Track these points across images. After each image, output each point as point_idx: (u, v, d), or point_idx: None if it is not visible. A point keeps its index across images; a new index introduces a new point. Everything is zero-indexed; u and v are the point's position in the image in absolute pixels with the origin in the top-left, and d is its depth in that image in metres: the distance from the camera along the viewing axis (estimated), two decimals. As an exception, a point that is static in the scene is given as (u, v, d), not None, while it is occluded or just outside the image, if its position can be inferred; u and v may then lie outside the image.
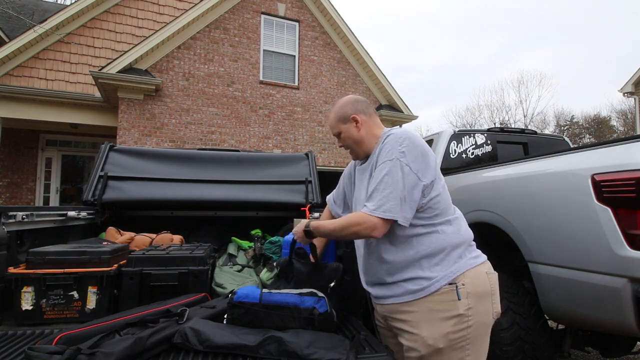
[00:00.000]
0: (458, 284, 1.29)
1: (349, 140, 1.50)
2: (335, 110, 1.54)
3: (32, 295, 1.54)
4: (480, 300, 1.31)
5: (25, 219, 1.85)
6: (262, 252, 2.28)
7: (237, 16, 8.54)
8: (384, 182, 1.29)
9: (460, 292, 1.28)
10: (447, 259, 1.32)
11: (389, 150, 1.33)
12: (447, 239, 1.34)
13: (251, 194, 2.85)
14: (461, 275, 1.30)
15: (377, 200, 1.28)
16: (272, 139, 8.62)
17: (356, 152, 1.52)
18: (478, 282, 1.32)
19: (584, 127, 29.03)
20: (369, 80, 9.77)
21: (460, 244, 1.36)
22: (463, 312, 1.27)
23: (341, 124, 1.50)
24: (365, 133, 1.48)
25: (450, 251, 1.33)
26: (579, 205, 1.82)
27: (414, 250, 1.33)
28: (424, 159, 1.33)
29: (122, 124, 7.33)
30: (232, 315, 1.38)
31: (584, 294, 1.79)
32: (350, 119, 1.48)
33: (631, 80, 10.72)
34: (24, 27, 8.36)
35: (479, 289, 1.31)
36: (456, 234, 1.36)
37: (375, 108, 9.71)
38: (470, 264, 1.34)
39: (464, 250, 1.36)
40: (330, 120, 1.56)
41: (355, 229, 1.31)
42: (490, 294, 1.34)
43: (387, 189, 1.27)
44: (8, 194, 8.50)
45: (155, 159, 2.97)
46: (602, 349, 2.29)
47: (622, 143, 1.77)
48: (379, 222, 1.27)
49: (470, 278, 1.31)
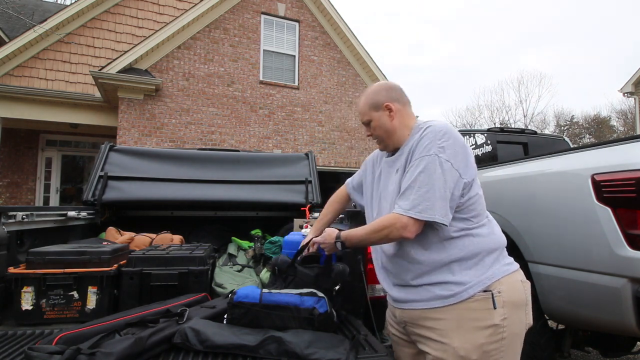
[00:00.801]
0: (494, 291, 1.18)
1: (379, 130, 1.37)
2: (366, 95, 1.40)
3: (32, 295, 1.54)
4: (515, 310, 1.20)
5: (25, 219, 1.85)
6: (262, 252, 2.28)
7: (237, 16, 8.55)
8: (419, 180, 1.18)
9: (496, 300, 1.18)
10: (480, 263, 1.22)
11: (427, 145, 1.22)
12: (482, 242, 1.23)
13: (251, 194, 2.86)
14: (496, 282, 1.20)
15: (412, 200, 1.18)
16: (272, 139, 8.62)
17: (385, 143, 1.40)
18: (514, 290, 1.22)
19: (584, 127, 29.03)
20: (369, 80, 9.77)
21: (495, 249, 1.25)
22: (499, 322, 1.17)
23: (372, 112, 1.37)
24: (398, 123, 1.35)
25: (484, 256, 1.23)
26: (579, 205, 1.82)
27: (445, 253, 1.22)
28: (465, 155, 1.23)
29: (122, 124, 7.33)
30: (232, 315, 1.38)
31: (584, 294, 1.79)
32: (384, 107, 1.35)
33: (631, 80, 10.72)
34: (24, 27, 8.36)
35: (515, 298, 1.21)
36: (491, 238, 1.26)
37: (375, 108, 9.70)
38: (505, 271, 1.24)
39: (498, 256, 1.25)
40: (360, 106, 1.41)
41: (387, 231, 1.21)
42: (525, 303, 1.24)
43: (422, 187, 1.17)
44: (8, 194, 8.50)
45: (155, 159, 2.97)
46: (602, 349, 2.29)
47: (622, 143, 1.77)
48: (411, 222, 1.17)
49: (506, 286, 1.21)
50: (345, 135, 9.36)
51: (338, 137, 9.29)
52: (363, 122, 1.42)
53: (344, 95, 9.47)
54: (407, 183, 1.21)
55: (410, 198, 1.18)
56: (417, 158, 1.22)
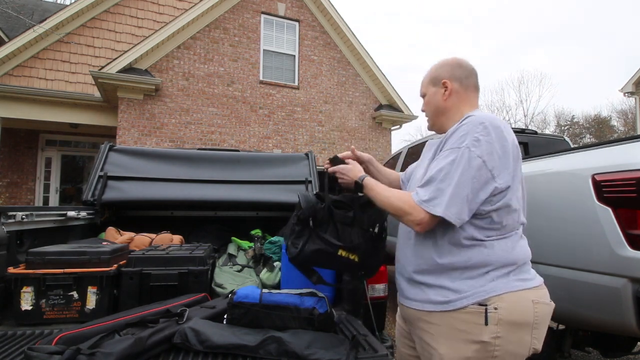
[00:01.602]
0: (489, 306, 1.07)
1: (429, 106, 1.29)
2: (431, 68, 1.31)
3: (32, 295, 1.54)
4: (514, 331, 1.08)
5: (25, 219, 1.84)
6: (262, 252, 2.27)
7: (237, 16, 8.54)
8: (443, 172, 1.08)
9: (489, 316, 1.07)
10: (484, 276, 1.10)
11: (462, 136, 1.10)
12: (493, 256, 1.11)
13: (251, 194, 2.85)
14: (496, 297, 1.08)
15: (431, 192, 1.09)
16: (272, 139, 8.62)
17: (432, 122, 1.32)
18: (518, 309, 1.09)
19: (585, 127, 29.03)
20: (369, 80, 9.77)
21: (509, 264, 1.12)
22: (488, 340, 1.07)
23: (430, 86, 1.29)
24: (451, 105, 1.25)
25: (491, 270, 1.11)
26: (580, 205, 1.82)
27: (448, 258, 1.13)
28: (504, 156, 1.09)
29: (121, 124, 7.32)
30: (232, 315, 1.38)
31: (584, 294, 1.79)
32: (441, 83, 1.26)
33: (632, 80, 10.70)
34: (23, 27, 8.35)
35: (516, 318, 1.08)
36: (506, 253, 1.12)
37: (375, 108, 9.72)
38: (513, 286, 1.10)
39: (511, 271, 1.12)
40: (424, 77, 1.33)
41: (400, 214, 1.14)
42: (530, 326, 1.10)
43: (445, 181, 1.07)
44: (8, 194, 8.50)
45: (155, 159, 2.97)
46: (603, 349, 2.29)
47: (622, 143, 1.77)
48: (426, 217, 1.08)
49: (507, 303, 1.08)
50: (345, 135, 9.36)
51: (338, 137, 9.29)
52: (420, 95, 1.35)
53: (344, 95, 9.47)
54: (431, 173, 1.12)
55: (430, 189, 1.10)
56: (447, 149, 1.12)
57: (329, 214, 1.32)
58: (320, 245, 1.28)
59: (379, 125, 9.78)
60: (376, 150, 9.66)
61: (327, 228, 1.31)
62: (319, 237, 1.29)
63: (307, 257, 1.29)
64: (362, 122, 9.60)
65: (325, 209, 1.32)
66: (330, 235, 1.30)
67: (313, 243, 1.29)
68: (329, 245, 1.28)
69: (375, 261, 1.35)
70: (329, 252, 1.28)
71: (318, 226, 1.30)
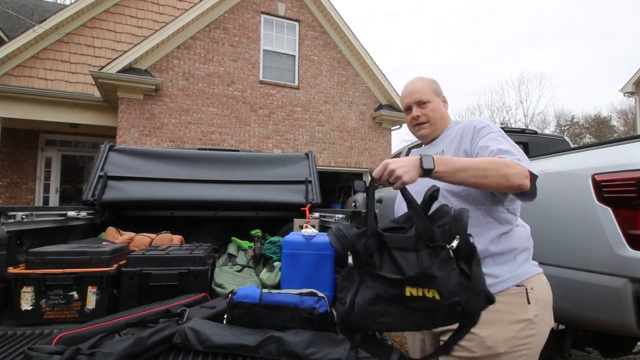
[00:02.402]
0: (527, 287, 1.17)
1: (436, 113, 1.36)
2: (425, 80, 1.41)
3: (32, 295, 1.54)
4: (545, 309, 1.20)
5: (25, 219, 1.84)
6: (262, 252, 2.28)
7: (237, 16, 8.54)
8: (509, 144, 1.17)
9: (530, 296, 1.16)
10: (512, 261, 1.20)
11: (488, 124, 1.24)
12: (517, 240, 1.22)
13: (251, 194, 2.85)
14: (528, 280, 1.19)
15: (516, 155, 1.13)
16: (272, 139, 8.62)
17: (434, 128, 1.37)
18: (543, 290, 1.22)
19: (585, 127, 29.03)
20: (369, 80, 9.77)
21: (527, 249, 1.25)
22: (531, 318, 1.14)
23: (434, 96, 1.38)
24: (447, 115, 1.41)
25: (517, 254, 1.21)
26: (580, 206, 1.82)
27: (485, 238, 1.17)
28: None
29: (121, 124, 7.32)
30: (232, 315, 1.38)
31: (584, 294, 1.79)
32: (442, 97, 1.41)
33: (632, 80, 10.71)
34: (23, 27, 8.35)
35: (545, 297, 1.21)
36: (523, 239, 1.25)
37: (375, 108, 9.73)
38: (535, 270, 1.23)
39: (528, 256, 1.25)
40: (419, 86, 1.38)
41: (509, 171, 1.06)
42: (550, 305, 1.23)
43: (519, 152, 1.15)
44: (8, 194, 8.50)
45: (155, 159, 2.97)
46: (603, 349, 2.28)
47: (622, 143, 1.77)
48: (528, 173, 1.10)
49: (537, 284, 1.20)
50: (345, 135, 9.36)
51: (338, 137, 9.29)
52: (416, 101, 1.37)
53: (344, 95, 9.47)
54: (498, 146, 1.15)
55: (514, 154, 1.13)
56: (487, 133, 1.21)
57: (377, 240, 0.95)
58: (377, 289, 0.91)
59: (379, 125, 9.79)
60: (376, 150, 9.66)
61: (380, 263, 0.94)
62: (372, 276, 0.92)
63: (364, 312, 0.91)
64: (362, 122, 9.61)
65: (369, 234, 0.95)
66: (387, 271, 0.92)
67: (366, 289, 0.92)
68: (388, 285, 0.90)
69: (472, 296, 0.88)
70: (392, 295, 0.90)
71: (365, 263, 0.94)
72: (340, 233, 0.99)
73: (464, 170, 1.04)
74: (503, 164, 1.06)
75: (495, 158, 1.10)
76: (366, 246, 0.95)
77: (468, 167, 1.05)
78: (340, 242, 0.98)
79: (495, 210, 1.21)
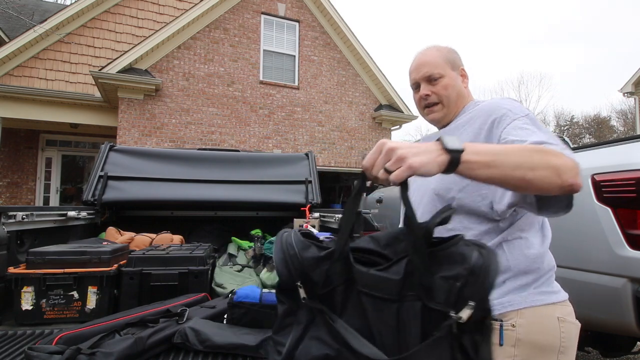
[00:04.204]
0: (505, 322, 0.89)
1: (451, 90, 1.07)
2: (439, 49, 1.13)
3: (32, 295, 1.54)
4: (537, 355, 0.89)
5: (25, 219, 1.85)
6: (262, 252, 2.28)
7: (237, 16, 8.55)
8: (543, 132, 0.87)
9: (505, 334, 0.89)
10: (500, 286, 0.92)
11: (509, 109, 0.93)
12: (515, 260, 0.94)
13: (251, 194, 2.85)
14: (514, 313, 0.90)
15: (558, 145, 0.81)
16: (272, 139, 8.62)
17: (447, 109, 1.08)
18: (540, 328, 0.90)
19: (584, 127, 29.02)
20: (369, 80, 9.78)
21: (528, 272, 0.94)
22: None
23: (449, 69, 1.09)
24: (466, 93, 1.11)
25: (509, 278, 0.92)
26: (579, 206, 1.82)
27: None
28: None
29: (122, 124, 7.33)
30: (232, 315, 1.38)
31: (584, 294, 1.79)
32: (460, 69, 1.12)
33: (631, 80, 10.71)
34: (24, 27, 8.36)
35: (539, 339, 0.89)
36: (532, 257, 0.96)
37: (375, 108, 9.73)
38: (535, 300, 0.92)
39: (532, 281, 0.94)
40: (429, 57, 1.11)
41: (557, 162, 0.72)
42: (557, 350, 0.89)
43: (555, 140, 0.83)
44: (8, 194, 8.51)
45: (155, 159, 2.97)
46: (602, 349, 2.28)
47: (622, 143, 1.77)
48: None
49: (528, 319, 0.90)
50: (345, 135, 9.36)
51: (338, 137, 9.29)
52: (426, 76, 1.08)
53: (344, 95, 9.47)
54: (536, 138, 0.83)
55: (559, 145, 0.80)
56: (508, 124, 0.90)
57: (345, 269, 0.65)
58: (328, 348, 0.62)
59: (378, 125, 9.79)
60: (376, 150, 9.65)
61: (343, 304, 0.64)
62: (327, 325, 0.62)
63: None
64: (362, 122, 9.61)
65: (336, 258, 0.65)
66: (351, 321, 0.63)
67: (313, 340, 0.64)
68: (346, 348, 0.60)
69: None
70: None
71: (322, 298, 0.65)
72: (290, 252, 0.66)
73: (505, 156, 0.70)
74: (550, 152, 0.74)
75: (533, 145, 0.79)
76: (327, 275, 0.64)
77: (510, 152, 0.72)
78: (287, 266, 0.66)
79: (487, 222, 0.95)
